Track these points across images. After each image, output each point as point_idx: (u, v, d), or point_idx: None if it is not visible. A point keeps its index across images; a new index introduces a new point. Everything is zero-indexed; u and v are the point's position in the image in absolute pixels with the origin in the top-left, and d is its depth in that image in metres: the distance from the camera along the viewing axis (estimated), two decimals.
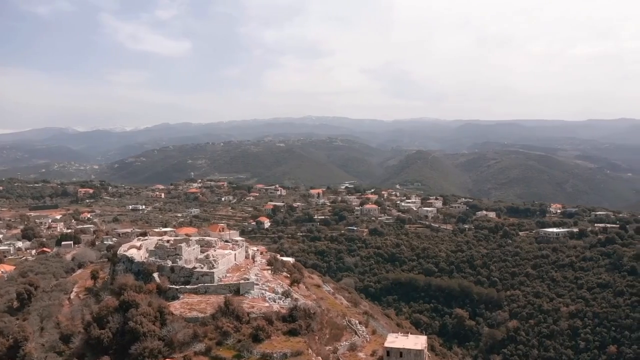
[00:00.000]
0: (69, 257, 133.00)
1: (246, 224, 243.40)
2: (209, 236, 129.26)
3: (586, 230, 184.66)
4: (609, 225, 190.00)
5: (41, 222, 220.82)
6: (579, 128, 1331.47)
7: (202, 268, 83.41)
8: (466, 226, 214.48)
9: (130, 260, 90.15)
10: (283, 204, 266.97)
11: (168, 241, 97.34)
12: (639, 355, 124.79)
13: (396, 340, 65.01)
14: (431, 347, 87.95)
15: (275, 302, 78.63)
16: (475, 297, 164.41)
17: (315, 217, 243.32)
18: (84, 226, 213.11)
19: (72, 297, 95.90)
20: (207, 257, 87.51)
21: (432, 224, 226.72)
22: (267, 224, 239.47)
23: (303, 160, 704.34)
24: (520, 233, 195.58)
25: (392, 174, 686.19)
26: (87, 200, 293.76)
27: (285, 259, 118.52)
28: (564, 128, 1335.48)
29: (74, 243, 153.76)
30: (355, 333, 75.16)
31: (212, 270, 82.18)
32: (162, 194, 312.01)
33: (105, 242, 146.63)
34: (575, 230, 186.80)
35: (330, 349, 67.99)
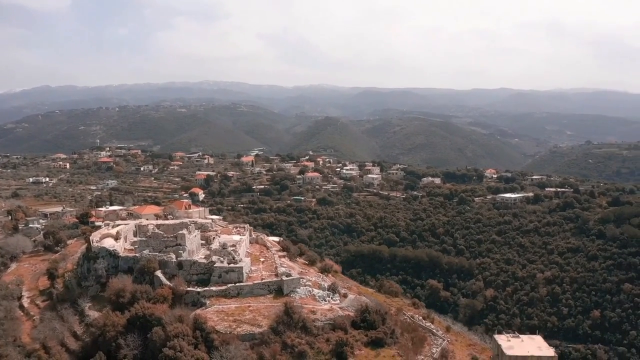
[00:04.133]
0: None
1: (177, 196, 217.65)
2: (172, 215, 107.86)
3: (541, 195, 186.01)
4: (559, 189, 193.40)
5: None
6: (465, 96, 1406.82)
7: (221, 262, 64.30)
8: (418, 193, 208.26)
9: (113, 254, 68.14)
10: (215, 173, 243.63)
11: (158, 226, 75.67)
12: (623, 319, 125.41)
13: (515, 345, 52.30)
14: None
15: (325, 300, 62.49)
16: (445, 266, 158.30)
17: (254, 186, 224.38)
18: None
19: (26, 305, 71.82)
20: (224, 246, 68.14)
21: (380, 192, 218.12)
22: (201, 195, 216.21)
23: (209, 126, 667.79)
24: (475, 199, 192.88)
25: (302, 141, 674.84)
26: None
27: (272, 238, 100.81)
28: (453, 96, 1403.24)
29: None
30: (432, 333, 61.54)
31: (239, 265, 63.48)
32: (67, 164, 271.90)
33: (31, 226, 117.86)
34: (530, 195, 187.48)
35: None
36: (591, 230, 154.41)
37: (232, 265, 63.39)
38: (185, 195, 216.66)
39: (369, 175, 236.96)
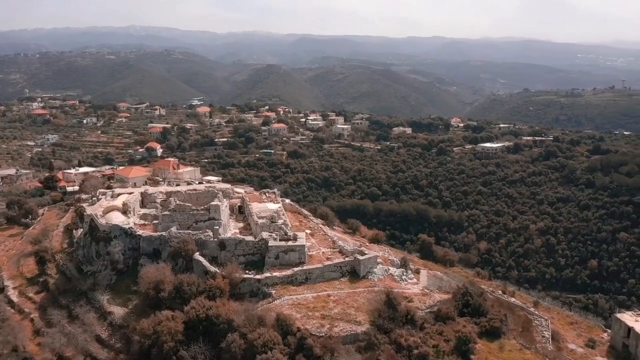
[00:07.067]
0: None
1: (131, 151, 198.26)
2: (164, 176, 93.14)
3: (520, 144, 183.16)
4: (536, 138, 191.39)
5: None
6: (401, 44, 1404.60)
7: (275, 239, 52.29)
8: (393, 144, 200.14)
9: (130, 234, 54.23)
10: (170, 125, 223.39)
11: (168, 194, 61.53)
12: (621, 268, 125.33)
13: None
14: None
15: (402, 280, 52.59)
16: (433, 220, 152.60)
17: (217, 139, 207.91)
18: None
19: (15, 299, 56.87)
20: (272, 219, 55.85)
21: (352, 143, 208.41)
22: (159, 150, 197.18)
23: (143, 74, 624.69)
24: (454, 149, 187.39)
25: (244, 89, 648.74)
26: None
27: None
28: (389, 44, 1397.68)
29: None
30: (528, 312, 53.35)
31: (299, 243, 51.79)
32: None
33: None
34: (510, 144, 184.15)
35: (550, 349, 45.50)
36: (579, 180, 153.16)
37: (290, 243, 51.59)
38: (141, 150, 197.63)
39: (338, 126, 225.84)
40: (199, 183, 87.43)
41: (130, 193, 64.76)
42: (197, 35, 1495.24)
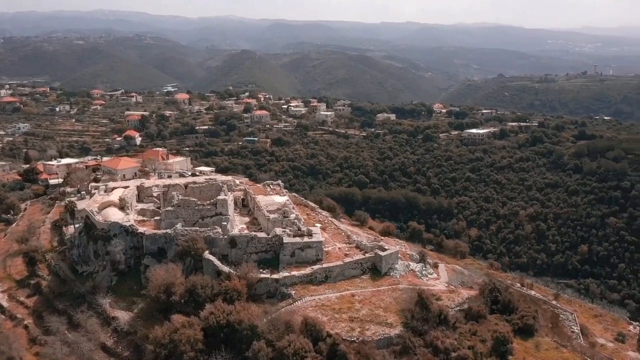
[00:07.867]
0: None
1: (109, 140, 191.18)
2: (153, 167, 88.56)
3: (506, 130, 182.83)
4: (522, 123, 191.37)
5: None
6: (376, 30, 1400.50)
7: (289, 235, 49.08)
8: (379, 131, 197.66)
9: (131, 232, 50.27)
10: (148, 113, 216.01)
11: (167, 187, 57.49)
12: (610, 252, 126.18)
13: None
14: None
15: (424, 276, 50.25)
16: (422, 207, 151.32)
17: (197, 127, 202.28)
18: None
19: (5, 304, 52.52)
20: (284, 214, 52.52)
21: (337, 130, 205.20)
22: (138, 139, 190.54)
23: (114, 60, 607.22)
24: (440, 136, 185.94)
25: (219, 76, 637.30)
26: None
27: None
28: (363, 29, 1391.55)
29: None
30: (552, 306, 51.67)
31: (316, 240, 48.70)
32: None
33: None
34: (496, 130, 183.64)
35: (585, 346, 43.75)
36: (567, 165, 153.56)
37: (306, 239, 48.46)
38: (119, 139, 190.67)
39: (321, 112, 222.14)
40: (192, 174, 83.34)
41: (125, 187, 60.51)
42: (167, 20, 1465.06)
